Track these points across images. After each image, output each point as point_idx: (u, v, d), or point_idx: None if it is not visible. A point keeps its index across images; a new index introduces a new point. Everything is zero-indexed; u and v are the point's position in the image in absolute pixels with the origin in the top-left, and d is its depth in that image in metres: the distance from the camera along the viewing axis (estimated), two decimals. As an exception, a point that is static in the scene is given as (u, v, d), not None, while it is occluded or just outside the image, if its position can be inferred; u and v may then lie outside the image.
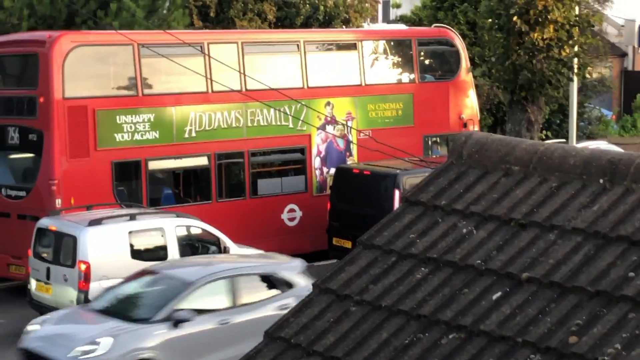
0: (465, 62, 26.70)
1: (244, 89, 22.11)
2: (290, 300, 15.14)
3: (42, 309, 18.47)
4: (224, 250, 19.16)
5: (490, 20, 23.74)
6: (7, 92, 21.92)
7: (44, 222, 18.74)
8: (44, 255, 18.50)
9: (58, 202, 20.31)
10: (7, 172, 21.95)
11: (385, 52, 26.00)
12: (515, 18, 22.70)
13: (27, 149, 21.41)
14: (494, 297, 4.90)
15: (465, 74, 26.72)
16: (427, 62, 27.29)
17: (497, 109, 35.09)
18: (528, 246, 5.09)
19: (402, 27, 30.23)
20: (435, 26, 28.34)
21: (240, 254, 18.53)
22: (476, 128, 26.39)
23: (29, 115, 20.90)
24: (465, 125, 25.82)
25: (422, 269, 5.24)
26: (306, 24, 34.05)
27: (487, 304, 4.87)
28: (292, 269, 16.69)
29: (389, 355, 4.80)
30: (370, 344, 4.90)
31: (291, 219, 23.83)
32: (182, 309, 15.04)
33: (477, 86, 28.83)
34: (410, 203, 5.68)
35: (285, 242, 23.34)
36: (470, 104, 26.74)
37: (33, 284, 18.53)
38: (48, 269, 18.17)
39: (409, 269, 5.27)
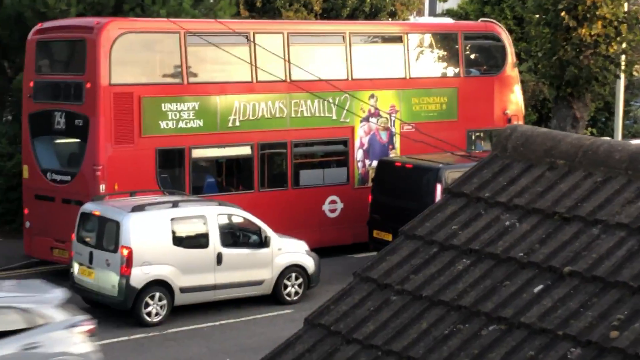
0: (511, 57, 26.56)
1: (288, 80, 22.14)
2: (39, 339, 13.49)
3: (84, 292, 18.66)
4: (265, 239, 19.23)
5: (537, 15, 23.62)
6: (54, 77, 22.11)
7: (88, 206, 18.90)
8: (87, 239, 18.66)
9: (102, 187, 20.46)
10: (53, 157, 22.14)
11: (430, 45, 25.92)
12: (563, 13, 22.56)
13: (73, 134, 21.58)
14: (536, 290, 4.88)
15: (511, 69, 26.58)
16: (472, 56, 27.17)
17: (542, 105, 34.87)
18: (571, 240, 5.07)
19: (448, 20, 30.12)
20: (482, 20, 28.22)
21: None
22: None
23: (76, 101, 21.07)
24: (509, 120, 25.67)
25: (464, 260, 5.23)
26: (352, 16, 34.03)
27: (528, 297, 4.86)
28: (46, 302, 14.13)
29: (428, 345, 4.81)
30: (409, 333, 4.91)
31: (332, 211, 23.85)
32: None
33: (522, 82, 28.68)
34: (453, 194, 5.67)
35: (326, 233, 23.39)
36: (515, 100, 26.61)
37: (76, 268, 18.70)
38: (91, 254, 18.33)
39: (450, 260, 5.27)
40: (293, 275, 19.69)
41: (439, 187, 20.92)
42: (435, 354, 4.75)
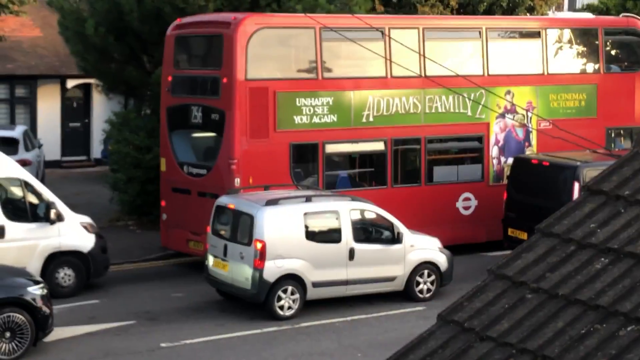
0: (653, 54, 25.92)
1: (423, 75, 22.03)
2: None
3: (218, 285, 18.92)
4: (398, 235, 19.18)
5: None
6: (192, 72, 22.48)
7: (223, 200, 19.14)
8: (222, 232, 18.90)
9: (237, 181, 20.72)
10: (189, 150, 22.51)
11: (569, 41, 25.46)
12: None
13: (209, 128, 21.90)
14: (678, 290, 4.74)
15: (653, 66, 25.93)
16: (613, 52, 26.59)
17: (684, 103, 33.90)
18: None
19: (588, 15, 29.54)
20: (624, 16, 27.57)
21: None
22: (662, 122, 25.57)
23: (212, 95, 21.37)
24: (651, 118, 25.06)
25: (602, 259, 5.11)
26: (489, 11, 33.69)
27: (669, 298, 4.71)
28: None
29: (564, 344, 4.71)
30: (545, 332, 4.81)
31: (466, 208, 23.65)
32: None
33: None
34: (591, 192, 5.54)
35: (459, 230, 23.20)
36: (657, 97, 25.93)
37: (210, 260, 18.97)
38: (225, 246, 18.56)
39: (588, 259, 5.15)
40: (425, 272, 19.59)
41: (576, 186, 20.53)
42: (571, 354, 4.64)
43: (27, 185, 19.25)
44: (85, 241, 19.75)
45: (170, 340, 16.94)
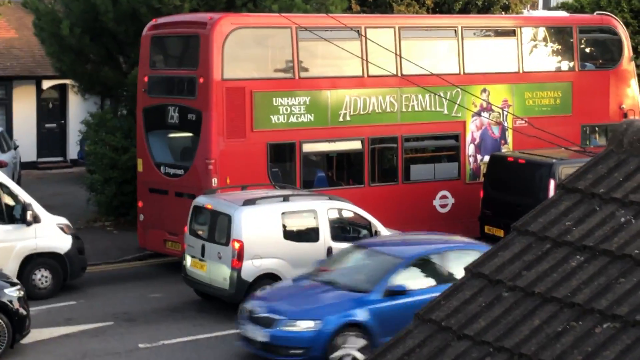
0: (627, 51, 26.05)
1: (399, 74, 22.08)
2: None
3: (196, 285, 18.90)
4: (375, 234, 19.21)
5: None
6: (168, 72, 22.44)
7: (201, 200, 19.13)
8: (200, 232, 18.89)
9: (214, 181, 20.70)
10: (166, 151, 22.47)
11: (544, 39, 25.57)
12: (681, 6, 22.03)
13: (186, 128, 21.87)
14: (652, 288, 4.78)
15: (628, 63, 26.07)
16: (587, 50, 26.72)
17: (659, 100, 34.09)
18: (689, 237, 4.95)
19: (563, 14, 29.67)
20: (598, 14, 27.72)
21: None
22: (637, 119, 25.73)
23: (189, 96, 21.35)
24: (625, 115, 25.19)
25: (578, 257, 5.15)
26: (464, 10, 33.77)
27: (644, 295, 4.76)
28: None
29: (540, 342, 4.74)
30: (522, 330, 4.85)
31: (443, 206, 23.71)
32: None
33: (639, 76, 28.08)
34: (567, 190, 5.58)
35: (437, 228, 23.21)
36: (631, 94, 26.08)
37: (188, 261, 18.95)
38: (203, 246, 18.55)
39: (563, 257, 5.19)
40: (403, 270, 19.60)
41: (552, 183, 20.63)
42: (548, 352, 4.68)
43: (3, 187, 19.17)
44: (62, 242, 19.68)
45: (148, 341, 16.91)
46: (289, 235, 18.49)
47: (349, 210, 19.29)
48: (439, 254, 16.40)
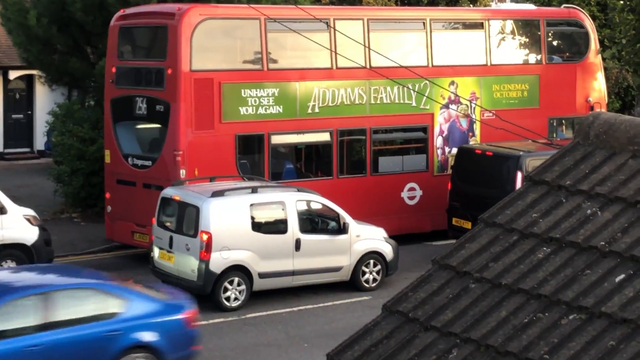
0: (594, 44, 26.19)
1: (368, 66, 22.10)
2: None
3: (164, 276, 18.85)
4: (344, 226, 19.24)
5: (622, 1, 23.23)
6: (136, 63, 22.35)
7: (169, 191, 19.08)
8: (168, 224, 18.84)
9: (182, 172, 20.65)
10: (134, 142, 22.39)
11: (512, 32, 25.66)
12: (648, 0, 22.17)
13: (154, 119, 21.81)
14: (617, 279, 4.82)
15: (594, 56, 26.22)
16: (555, 43, 26.85)
17: (625, 93, 34.35)
18: (654, 229, 4.99)
19: (530, 7, 29.79)
20: (565, 7, 27.84)
21: None
22: (603, 111, 25.85)
23: (157, 87, 21.28)
24: (592, 108, 25.34)
25: (544, 248, 5.18)
26: (433, 3, 33.83)
27: (609, 286, 4.79)
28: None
29: (507, 333, 4.77)
30: (488, 321, 4.87)
31: (411, 198, 23.78)
32: None
33: (605, 69, 28.26)
34: (534, 182, 5.61)
35: (405, 220, 23.33)
36: (598, 87, 26.24)
37: (156, 252, 18.90)
38: (171, 238, 18.51)
39: (530, 248, 5.22)
40: (371, 262, 19.68)
41: (519, 175, 20.73)
42: (515, 343, 4.71)
43: (-31, 178, 19.03)
44: (29, 234, 19.57)
45: (116, 333, 16.83)
46: (258, 227, 18.48)
47: (318, 202, 19.30)
48: (41, 295, 13.45)
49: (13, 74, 34.15)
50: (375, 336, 5.08)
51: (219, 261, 17.98)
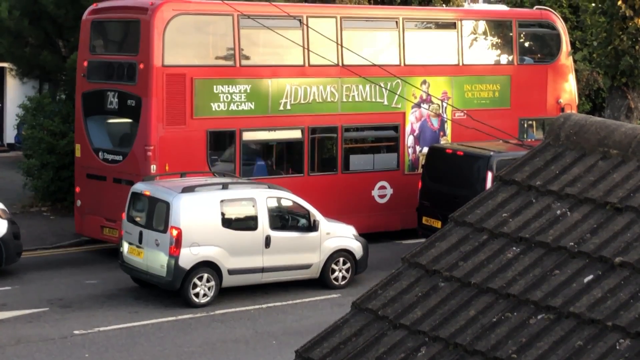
0: (566, 46, 26.33)
1: (340, 64, 22.11)
2: None
3: (133, 272, 18.80)
4: (314, 223, 19.24)
5: (593, 4, 23.35)
6: (108, 57, 22.25)
7: (139, 186, 19.03)
8: (137, 219, 18.79)
9: (153, 167, 20.59)
10: (105, 136, 22.31)
11: (484, 32, 25.75)
12: (619, 2, 22.30)
13: (125, 114, 21.74)
14: (586, 279, 4.85)
15: (565, 58, 26.35)
16: (526, 44, 26.97)
17: (596, 95, 34.55)
18: (623, 230, 5.02)
19: (503, 8, 29.91)
20: (537, 8, 27.98)
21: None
22: (574, 113, 25.98)
23: (129, 81, 21.20)
24: (562, 109, 25.47)
25: (514, 248, 5.20)
26: (405, 2, 33.87)
27: (578, 286, 4.82)
28: None
29: (476, 332, 4.79)
30: (457, 320, 4.89)
31: (381, 196, 23.82)
32: None
33: (576, 71, 28.41)
34: (504, 182, 5.63)
35: (375, 218, 23.36)
36: (568, 89, 26.38)
37: (125, 247, 18.84)
38: (140, 233, 18.45)
39: (499, 248, 5.24)
40: (341, 259, 19.70)
41: (489, 175, 20.81)
42: (483, 342, 4.73)
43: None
44: (-2, 227, 19.46)
45: (83, 328, 16.80)
46: (228, 223, 18.46)
47: (288, 199, 19.30)
48: None
49: (-17, 66, 33.92)
50: (344, 333, 5.08)
51: (188, 257, 17.94)
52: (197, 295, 18.15)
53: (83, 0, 24.36)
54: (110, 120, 22.49)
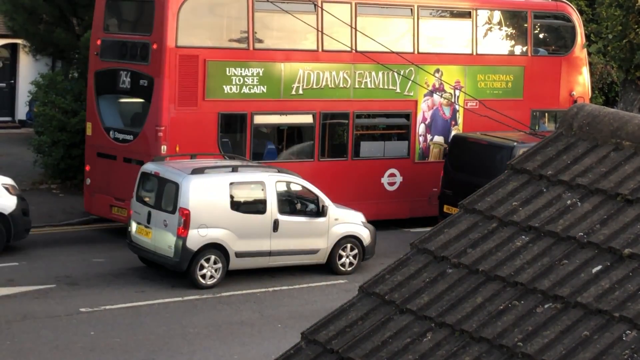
0: (580, 38, 26.24)
1: (354, 50, 22.07)
2: None
3: (141, 252, 18.82)
4: (322, 209, 19.24)
5: (609, -4, 23.27)
6: (122, 37, 22.25)
7: (149, 167, 19.03)
8: (146, 199, 18.80)
9: (164, 148, 20.60)
10: (117, 116, 22.32)
11: (499, 22, 25.68)
12: (636, -4, 22.22)
13: (137, 94, 21.73)
14: (594, 270, 4.83)
15: (580, 51, 26.27)
16: (541, 35, 26.89)
17: (609, 89, 34.43)
18: (632, 222, 5.01)
19: (518, -2, 29.76)
20: (553, 0, 27.87)
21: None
22: (586, 106, 25.89)
23: (141, 61, 21.19)
24: (575, 102, 25.39)
25: (523, 237, 5.19)
26: (421, -10, 33.73)
27: (586, 277, 4.80)
28: None
29: (482, 319, 4.78)
30: (464, 306, 4.88)
31: (391, 184, 23.79)
32: None
33: (590, 64, 28.31)
34: (515, 171, 5.62)
35: (384, 206, 23.34)
36: (582, 81, 26.30)
37: (133, 227, 18.86)
38: (149, 213, 18.47)
39: (509, 236, 5.23)
40: (348, 246, 19.70)
41: (510, 165, 20.74)
42: (489, 329, 4.72)
43: (-52, 144, 18.94)
44: (7, 203, 19.50)
45: (89, 305, 16.84)
46: (236, 206, 18.46)
47: (298, 184, 19.29)
48: None
49: (-3, 42, 33.96)
50: (350, 317, 5.08)
51: (196, 238, 17.96)
52: (203, 276, 18.18)
53: (98, -22, 24.31)
54: (122, 100, 22.50)
